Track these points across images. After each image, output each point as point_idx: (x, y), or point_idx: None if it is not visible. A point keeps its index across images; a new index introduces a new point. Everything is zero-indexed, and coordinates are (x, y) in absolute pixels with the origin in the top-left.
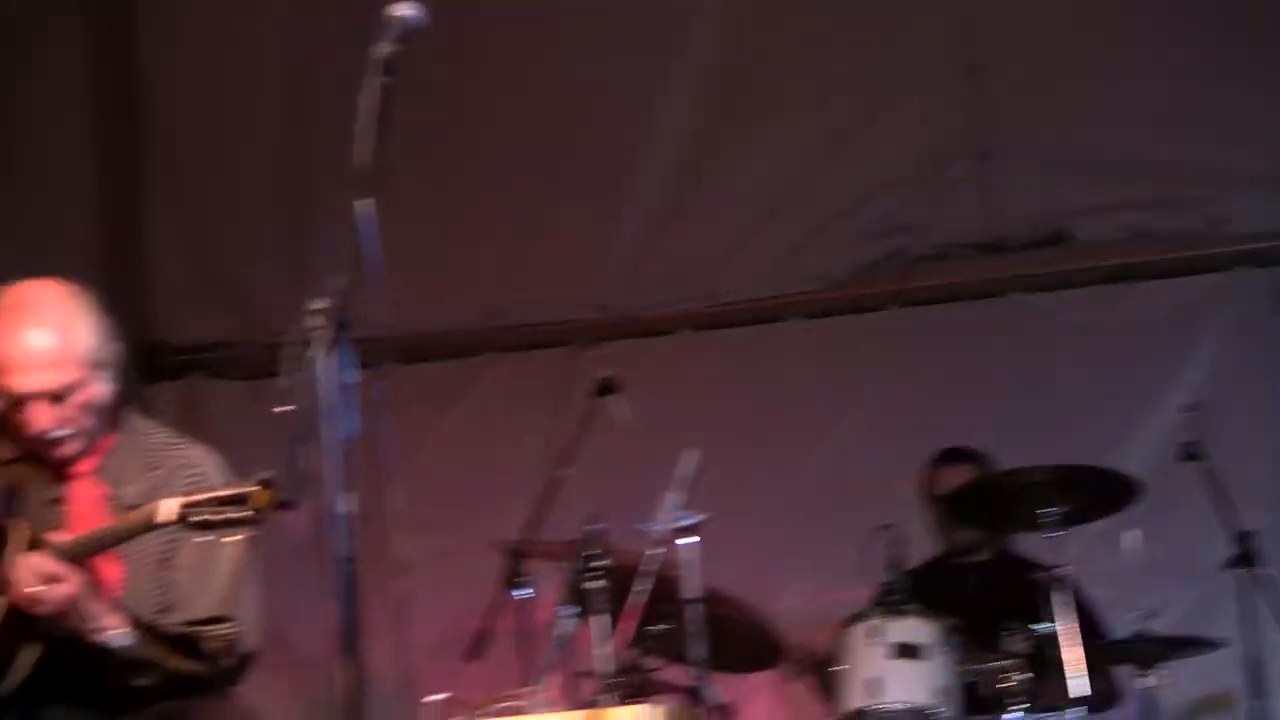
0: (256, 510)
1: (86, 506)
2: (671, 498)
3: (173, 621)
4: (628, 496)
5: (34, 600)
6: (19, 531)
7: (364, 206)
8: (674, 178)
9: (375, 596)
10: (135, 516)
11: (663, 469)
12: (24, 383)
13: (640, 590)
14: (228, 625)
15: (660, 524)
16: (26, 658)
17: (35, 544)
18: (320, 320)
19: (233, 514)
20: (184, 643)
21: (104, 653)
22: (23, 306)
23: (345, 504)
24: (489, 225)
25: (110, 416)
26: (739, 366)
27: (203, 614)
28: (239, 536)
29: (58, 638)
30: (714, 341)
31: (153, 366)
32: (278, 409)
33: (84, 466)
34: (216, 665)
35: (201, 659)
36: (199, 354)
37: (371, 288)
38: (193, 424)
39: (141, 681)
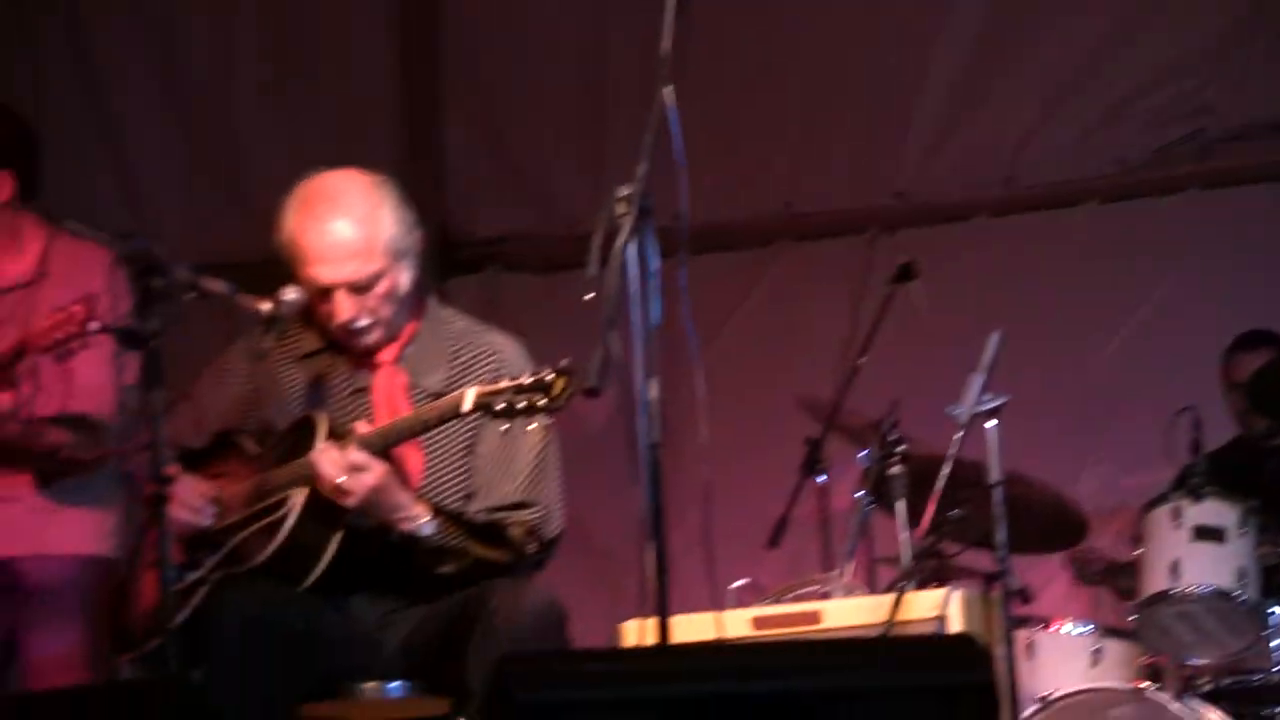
0: (557, 397)
1: (389, 396)
2: (975, 380)
3: (476, 509)
4: (925, 382)
5: (339, 491)
6: (323, 423)
7: (667, 95)
8: (967, 64)
9: (677, 483)
10: (438, 405)
11: (958, 354)
12: (328, 274)
13: (942, 475)
14: (530, 511)
15: (965, 407)
16: (330, 547)
17: (338, 435)
18: (624, 208)
19: (534, 401)
20: (487, 530)
21: (408, 542)
22: (326, 197)
23: (649, 390)
24: (784, 115)
25: (412, 305)
26: (1035, 251)
27: (505, 500)
28: (541, 424)
29: (361, 528)
30: (1010, 227)
31: (450, 261)
32: (586, 296)
33: (386, 356)
34: (519, 552)
35: (505, 546)
36: (496, 247)
37: (673, 176)
38: (490, 318)
39: (445, 569)
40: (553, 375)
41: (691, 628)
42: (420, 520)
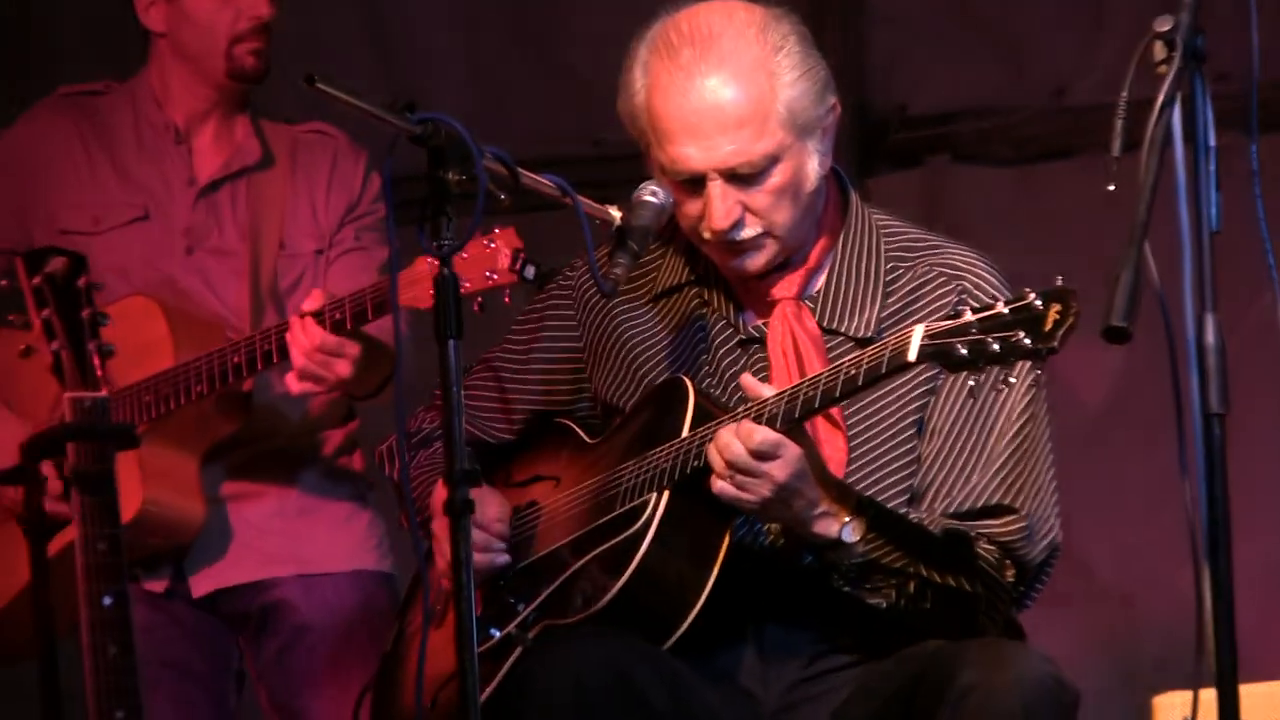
0: (1050, 335)
1: (792, 346)
2: None
3: (927, 512)
4: None
5: (741, 488)
6: (690, 394)
7: None
8: None
9: (1245, 478)
10: (867, 356)
11: None
12: (698, 155)
13: None
14: (1009, 521)
15: None
16: (708, 581)
17: (708, 410)
18: (1162, 52)
19: (1016, 343)
20: (945, 545)
21: (826, 556)
22: (697, 40)
23: (1205, 332)
24: None
25: (824, 211)
26: None
27: (974, 501)
28: (1024, 381)
29: (756, 548)
30: None
31: (876, 150)
32: (1109, 186)
33: (786, 287)
34: (993, 583)
35: (970, 572)
36: (942, 128)
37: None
38: (935, 221)
39: (877, 599)
40: (1042, 302)
41: (1275, 703)
42: (840, 525)
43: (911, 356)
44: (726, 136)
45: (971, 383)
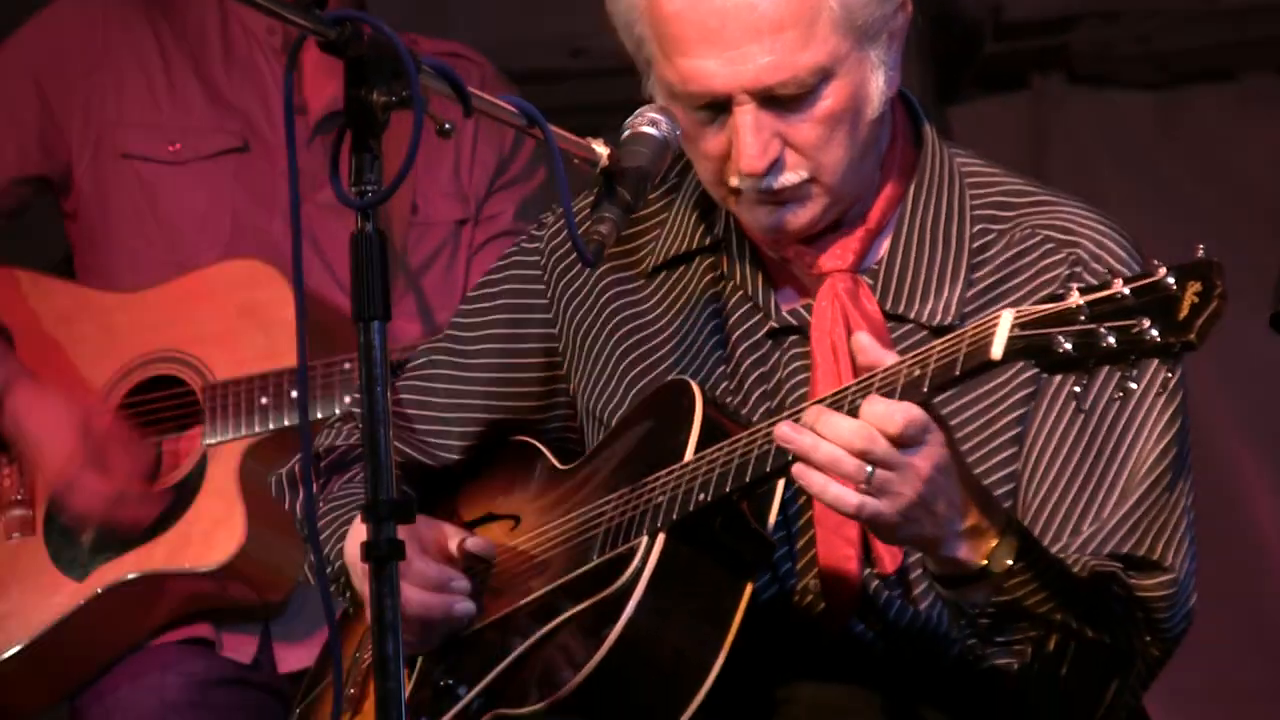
0: (1188, 325)
1: (845, 336)
2: None
3: (1052, 551)
4: None
5: (880, 495)
6: (697, 402)
7: None
8: None
9: None
10: (936, 353)
11: None
12: (717, 71)
13: None
14: (1159, 576)
15: None
16: (725, 643)
17: (714, 424)
18: None
19: (1141, 335)
20: (1093, 586)
21: (951, 594)
22: None
23: None
24: None
25: (889, 150)
26: None
27: (1103, 545)
28: (1154, 387)
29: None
30: None
31: (966, 64)
32: None
33: (837, 255)
34: (1144, 641)
35: (1126, 621)
36: (1057, 36)
37: None
38: (1044, 165)
39: (1008, 659)
40: (1176, 280)
41: None
42: (987, 547)
43: (996, 353)
44: (761, 44)
45: (1076, 389)
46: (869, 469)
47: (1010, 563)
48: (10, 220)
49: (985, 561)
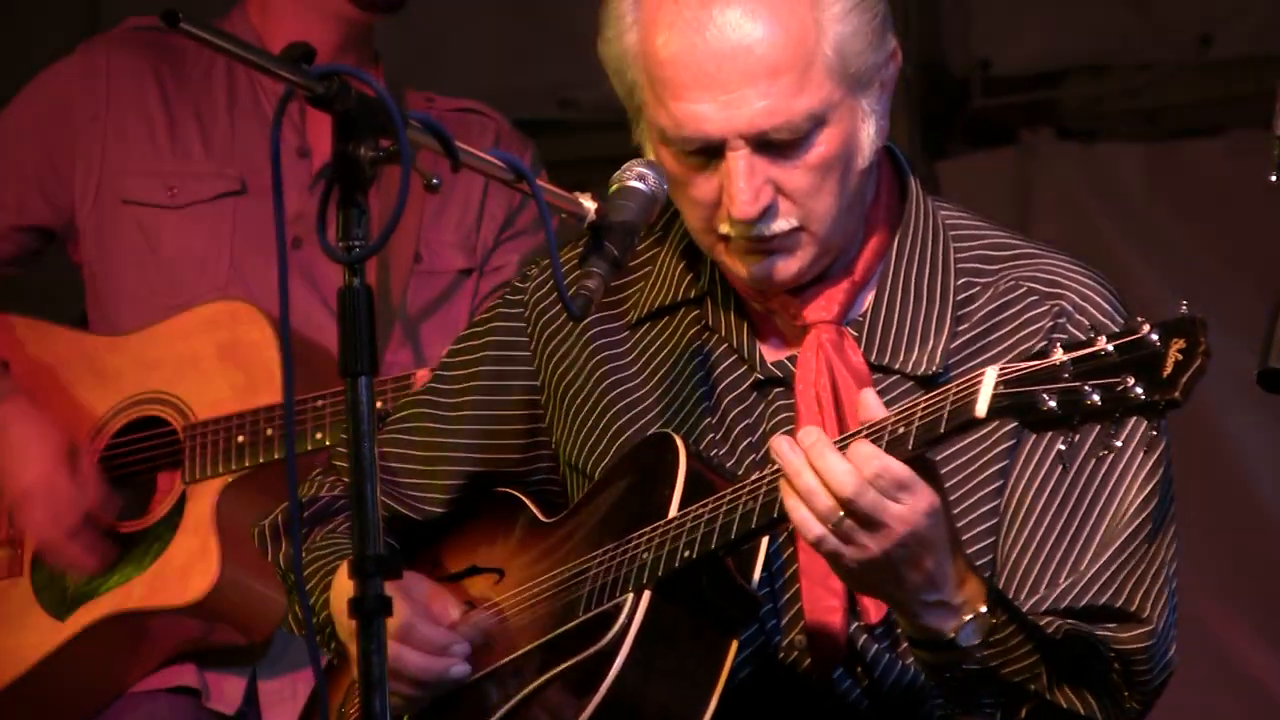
0: (1172, 383)
1: (829, 388)
2: None
3: (1030, 602)
4: None
5: (847, 543)
6: (681, 456)
7: None
8: None
9: None
10: (920, 410)
11: None
12: (712, 115)
13: None
14: (1136, 628)
15: None
16: (709, 700)
17: (699, 478)
18: None
19: (1125, 393)
20: (1069, 650)
21: (922, 657)
22: None
23: None
24: None
25: (874, 200)
26: None
27: (1078, 598)
28: (1139, 443)
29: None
30: None
31: (954, 119)
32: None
33: (823, 306)
34: (1119, 702)
35: (1101, 685)
36: (1044, 93)
37: None
38: (1033, 227)
39: None
40: (1160, 337)
41: None
42: (958, 622)
43: (980, 411)
44: (757, 88)
45: (1061, 447)
46: (840, 514)
47: (978, 641)
48: (12, 268)
49: (953, 635)
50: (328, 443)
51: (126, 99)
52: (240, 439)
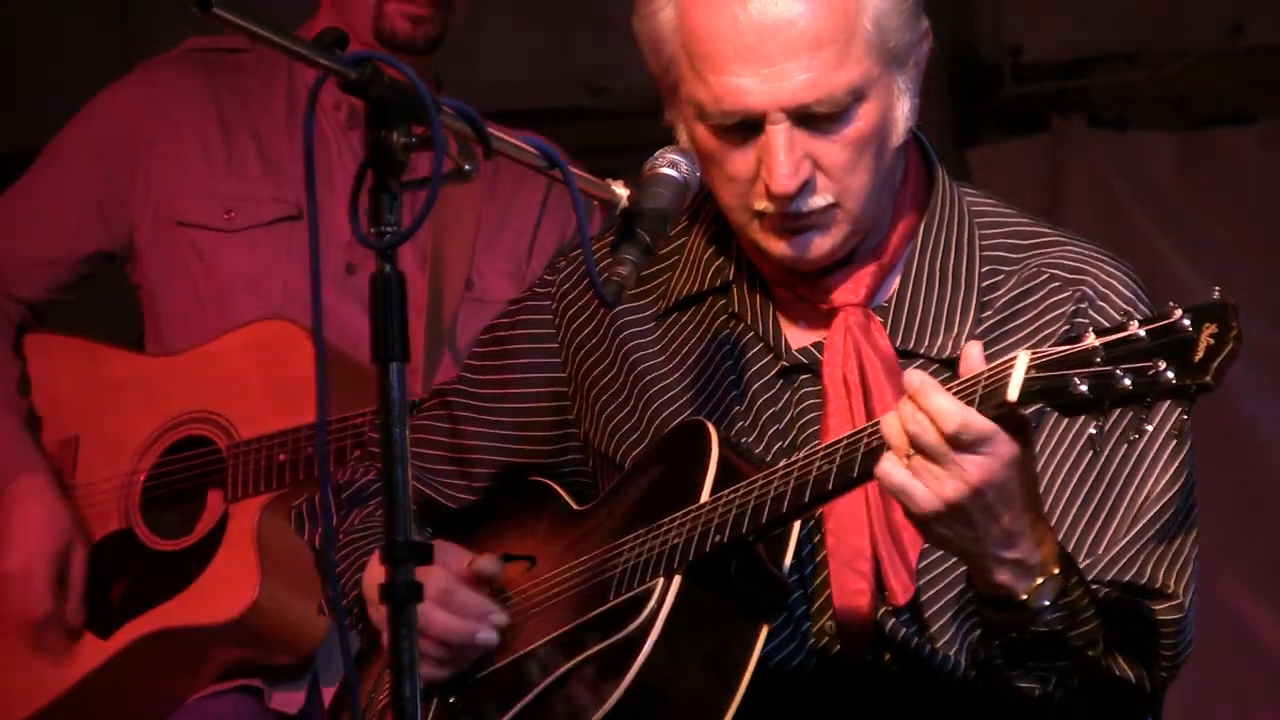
0: (1202, 367)
1: (857, 372)
2: None
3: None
4: None
5: (928, 488)
6: (713, 443)
7: None
8: None
9: None
10: (962, 392)
11: None
12: (753, 88)
13: None
14: (1168, 603)
15: None
16: (740, 682)
17: (729, 464)
18: None
19: (1155, 377)
20: (1117, 617)
21: (989, 616)
22: None
23: None
24: None
25: (903, 182)
26: None
27: (1109, 566)
28: (1168, 428)
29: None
30: None
31: (984, 106)
32: None
33: (850, 289)
34: (1160, 671)
35: (1147, 652)
36: (1076, 78)
37: None
38: (1064, 216)
39: (1030, 683)
40: (1192, 323)
41: None
42: (1032, 584)
43: (1013, 395)
44: (799, 61)
45: (1092, 430)
46: (910, 451)
47: (1048, 603)
48: (70, 293)
49: (1025, 597)
50: None
51: (185, 120)
52: (282, 458)
